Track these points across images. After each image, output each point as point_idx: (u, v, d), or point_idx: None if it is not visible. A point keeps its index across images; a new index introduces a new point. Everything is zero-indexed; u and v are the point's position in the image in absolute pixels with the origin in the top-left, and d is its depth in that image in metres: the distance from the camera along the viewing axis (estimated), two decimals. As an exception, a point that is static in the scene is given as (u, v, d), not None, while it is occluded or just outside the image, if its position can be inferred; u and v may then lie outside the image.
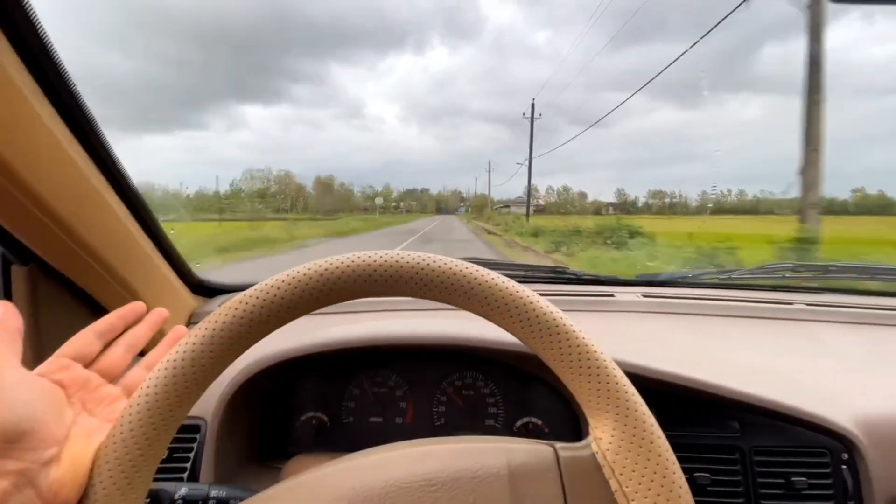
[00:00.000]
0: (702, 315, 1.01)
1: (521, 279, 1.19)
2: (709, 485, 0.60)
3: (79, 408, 0.36)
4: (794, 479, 0.59)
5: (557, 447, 0.37)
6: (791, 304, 1.04)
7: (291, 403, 0.81)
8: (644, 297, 1.07)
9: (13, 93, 0.49)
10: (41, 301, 0.69)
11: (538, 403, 0.78)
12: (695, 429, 0.65)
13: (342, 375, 0.81)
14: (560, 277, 1.20)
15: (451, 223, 41.44)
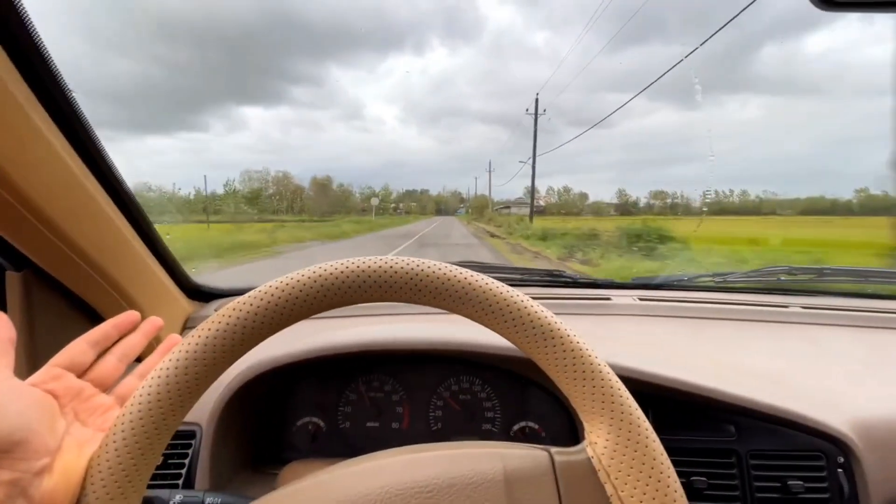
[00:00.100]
0: (698, 318, 1.01)
1: (516, 283, 1.19)
2: (705, 489, 0.60)
3: (71, 417, 0.36)
4: (791, 483, 0.59)
5: (553, 452, 0.37)
6: (787, 308, 1.04)
7: (287, 409, 0.80)
8: (640, 301, 1.07)
9: (6, 98, 0.49)
10: (35, 307, 0.68)
11: (534, 408, 0.78)
12: (691, 433, 0.65)
13: (338, 381, 0.81)
14: (556, 281, 1.20)
15: (451, 225, 39.64)
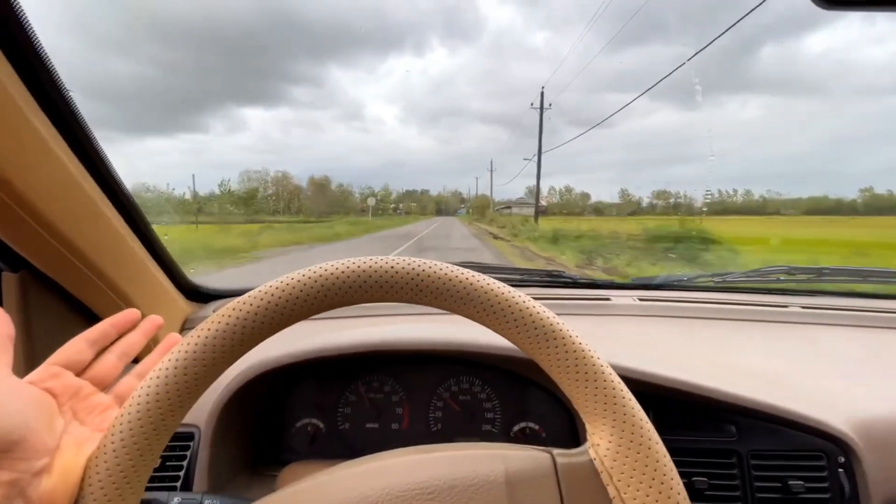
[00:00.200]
0: (698, 318, 1.01)
1: (517, 283, 1.19)
2: (706, 489, 0.60)
3: (70, 417, 0.35)
4: (791, 483, 0.59)
5: (555, 453, 0.37)
6: (786, 307, 1.04)
7: (286, 410, 0.80)
8: (640, 301, 1.07)
9: (3, 98, 0.48)
10: (32, 308, 0.68)
11: (535, 408, 0.78)
12: (691, 433, 0.64)
13: (338, 381, 0.80)
14: (556, 281, 1.20)
15: (451, 225, 38.10)
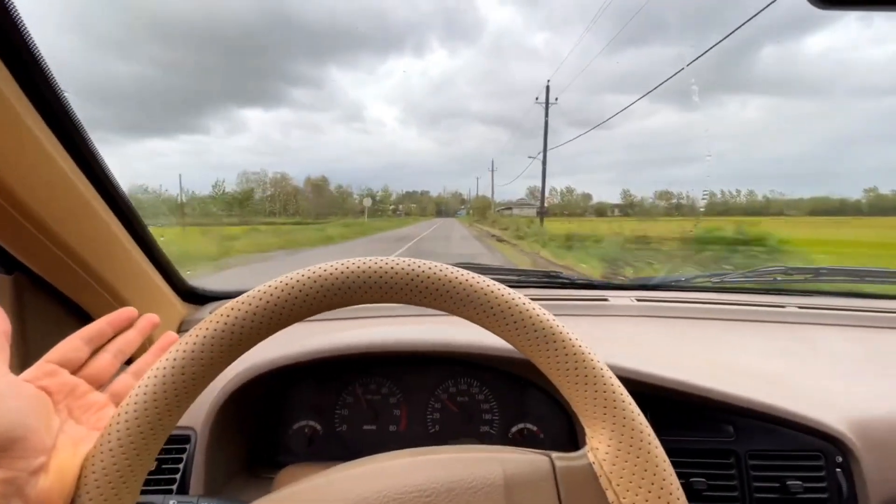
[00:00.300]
0: (695, 319, 1.01)
1: (514, 284, 1.19)
2: (704, 489, 0.60)
3: (65, 415, 0.35)
4: (790, 483, 0.59)
5: (553, 457, 0.37)
6: (783, 307, 1.04)
7: (283, 412, 0.79)
8: (638, 302, 1.07)
9: None
10: (27, 311, 0.67)
11: (533, 409, 0.78)
12: (689, 433, 0.64)
13: (335, 383, 0.80)
14: (553, 282, 1.20)
15: (452, 227, 36.89)
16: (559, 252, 11.04)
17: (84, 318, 0.75)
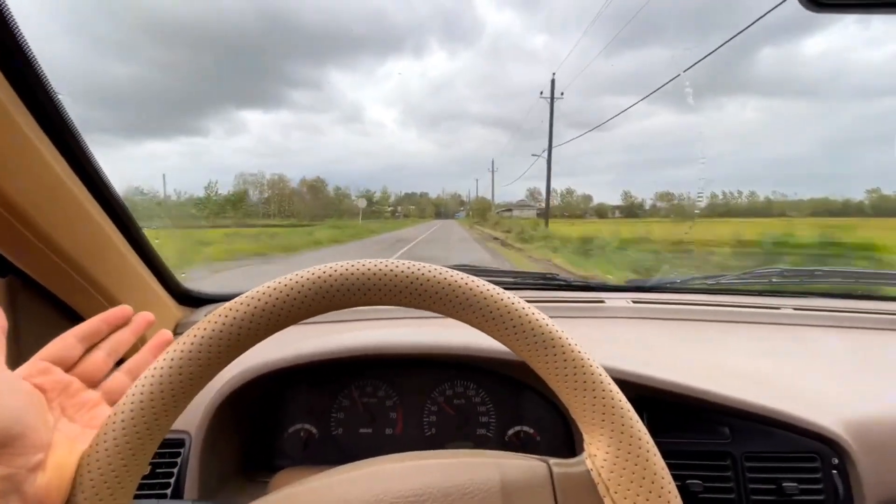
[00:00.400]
0: (691, 320, 1.01)
1: (510, 286, 1.19)
2: (701, 491, 0.60)
3: (58, 413, 0.35)
4: (785, 485, 0.59)
5: (551, 463, 0.37)
6: (779, 309, 1.05)
7: (279, 415, 0.79)
8: (633, 303, 1.07)
9: None
10: (21, 314, 0.67)
11: (530, 412, 0.78)
12: (685, 435, 0.64)
13: (331, 386, 0.80)
14: (549, 284, 1.20)
15: (451, 229, 34.55)
16: (574, 258, 9.56)
17: (78, 322, 0.74)
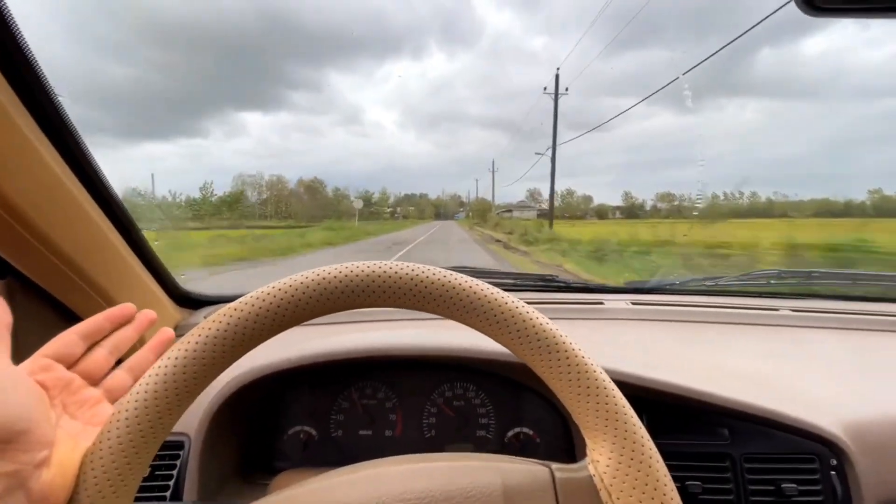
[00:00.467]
0: (690, 322, 1.01)
1: (510, 287, 1.19)
2: (700, 493, 0.60)
3: (60, 410, 0.35)
4: (784, 486, 0.59)
5: (553, 468, 0.37)
6: (777, 311, 1.05)
7: (278, 417, 0.79)
8: (633, 305, 1.07)
9: None
10: (19, 316, 0.66)
11: (529, 413, 0.78)
12: (685, 436, 0.64)
13: (331, 388, 0.80)
14: (549, 286, 1.20)
15: (451, 231, 33.53)
16: (587, 264, 8.42)
17: (77, 323, 0.74)
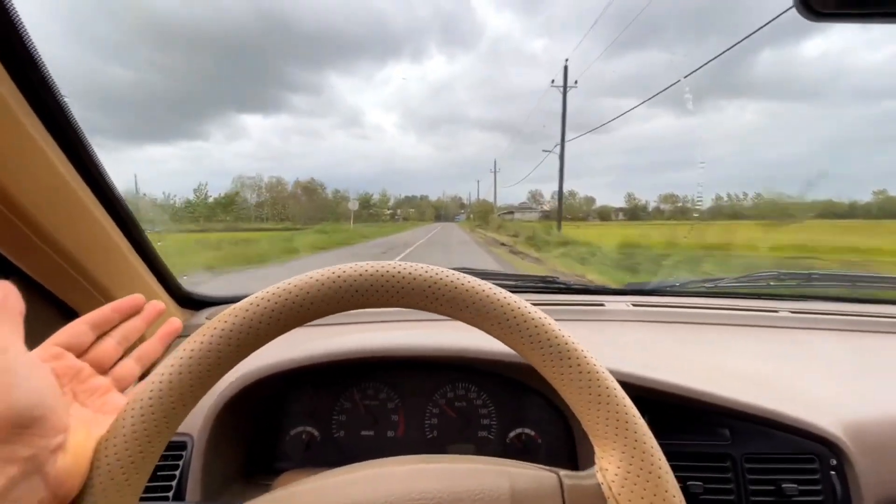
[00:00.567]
0: (690, 323, 1.02)
1: (512, 289, 1.19)
2: (701, 493, 0.61)
3: (70, 398, 0.35)
4: (785, 486, 0.60)
5: (562, 475, 0.37)
6: (776, 312, 1.06)
7: (281, 418, 0.79)
8: (633, 307, 1.07)
9: None
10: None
11: (531, 414, 0.78)
12: (686, 437, 0.65)
13: (333, 388, 0.80)
14: (550, 287, 1.20)
15: (451, 233, 32.67)
16: (618, 275, 6.71)
17: None
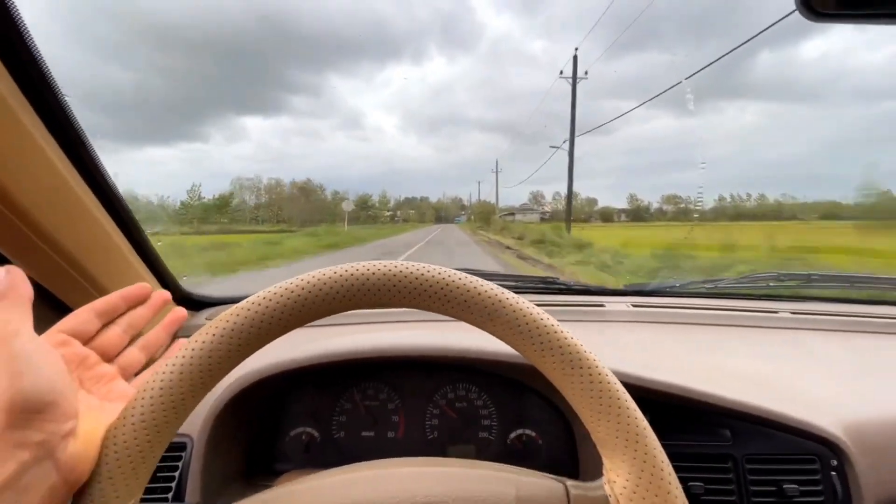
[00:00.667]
0: (690, 324, 1.02)
1: (513, 289, 1.19)
2: (702, 494, 0.61)
3: (77, 385, 0.35)
4: (786, 486, 0.60)
5: (569, 484, 0.37)
6: (776, 313, 1.06)
7: (281, 418, 0.79)
8: (633, 307, 1.08)
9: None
10: None
11: (532, 415, 0.78)
12: (687, 437, 0.65)
13: (333, 389, 0.80)
14: (550, 287, 1.20)
15: (452, 235, 31.30)
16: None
17: None
